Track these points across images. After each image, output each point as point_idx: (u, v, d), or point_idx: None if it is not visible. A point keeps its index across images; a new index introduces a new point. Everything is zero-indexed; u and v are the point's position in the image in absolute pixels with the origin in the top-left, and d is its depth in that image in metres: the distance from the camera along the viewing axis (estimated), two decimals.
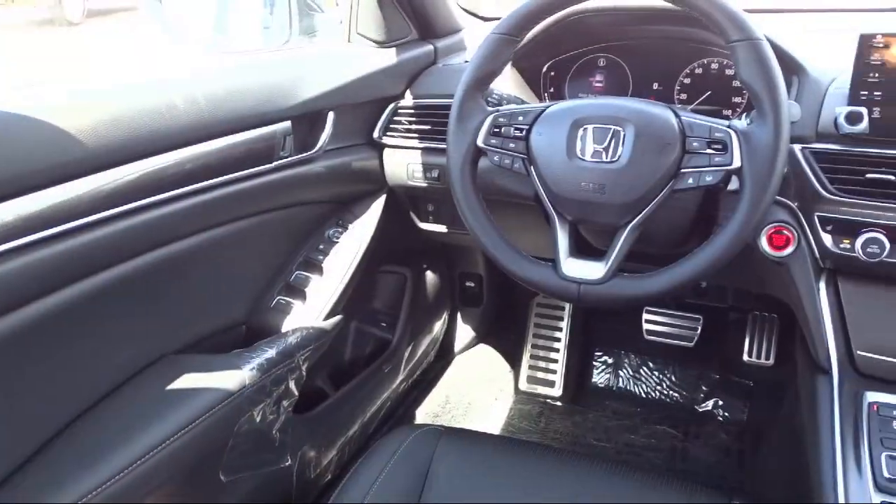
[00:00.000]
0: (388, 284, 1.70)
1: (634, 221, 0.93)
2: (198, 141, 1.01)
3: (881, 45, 0.96)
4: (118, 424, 0.94)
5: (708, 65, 1.27)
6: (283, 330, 1.25)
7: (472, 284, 1.94)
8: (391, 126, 1.36)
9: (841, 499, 0.84)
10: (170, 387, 1.01)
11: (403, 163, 1.36)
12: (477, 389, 1.92)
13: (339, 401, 1.45)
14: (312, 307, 1.30)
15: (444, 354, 1.96)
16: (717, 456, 1.69)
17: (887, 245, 0.96)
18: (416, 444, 1.05)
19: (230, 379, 1.05)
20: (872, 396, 0.96)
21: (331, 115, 1.24)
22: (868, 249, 0.96)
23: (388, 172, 1.40)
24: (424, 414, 1.81)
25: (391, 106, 1.36)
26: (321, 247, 1.35)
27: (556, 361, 1.91)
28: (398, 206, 1.48)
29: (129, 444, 0.91)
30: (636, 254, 0.97)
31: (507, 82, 1.31)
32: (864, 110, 0.96)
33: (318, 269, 1.34)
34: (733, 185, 0.92)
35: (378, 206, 1.42)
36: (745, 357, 1.76)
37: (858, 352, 1.01)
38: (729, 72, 1.25)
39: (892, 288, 1.01)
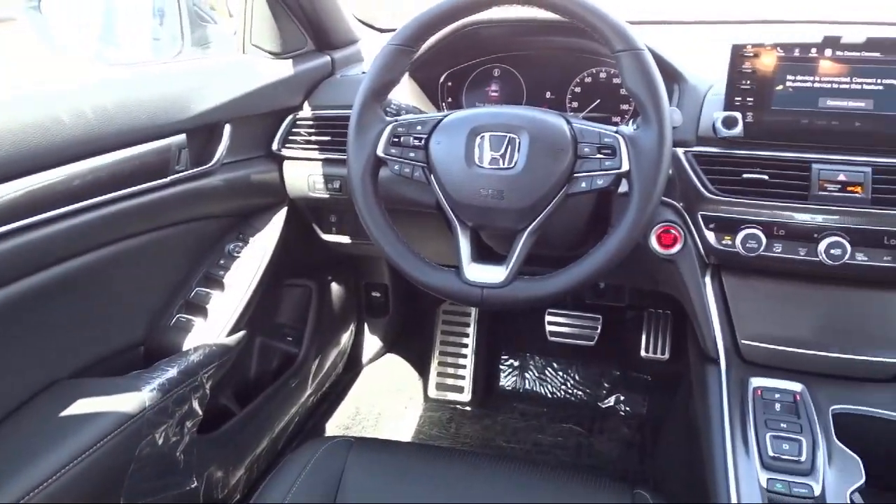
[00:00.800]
0: (293, 298, 1.68)
1: (532, 225, 0.97)
2: (87, 156, 0.97)
3: (751, 55, 1.03)
4: (7, 455, 0.89)
5: (597, 74, 1.33)
6: (185, 348, 1.21)
7: (378, 294, 1.94)
8: (290, 138, 1.35)
9: (732, 479, 0.90)
10: (63, 413, 0.96)
11: (304, 174, 1.36)
12: (386, 399, 1.92)
13: (245, 418, 1.42)
14: (214, 323, 1.27)
15: (352, 366, 1.96)
16: (621, 449, 1.76)
17: (764, 240, 1.03)
18: (327, 456, 1.04)
19: (128, 402, 1.01)
20: (756, 382, 1.03)
21: (227, 128, 1.22)
22: (747, 245, 1.03)
23: (289, 184, 1.38)
24: (334, 427, 1.79)
25: (289, 117, 1.35)
26: (222, 262, 1.33)
27: (464, 367, 1.94)
28: (300, 219, 1.46)
29: (21, 476, 0.87)
30: (536, 257, 1.00)
31: (405, 92, 1.32)
32: (738, 115, 1.02)
33: (219, 284, 1.31)
34: (623, 187, 0.96)
35: (279, 218, 1.41)
36: (643, 353, 1.84)
37: (743, 341, 1.08)
38: (616, 80, 1.30)
39: (770, 280, 1.08)
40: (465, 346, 1.95)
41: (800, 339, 1.07)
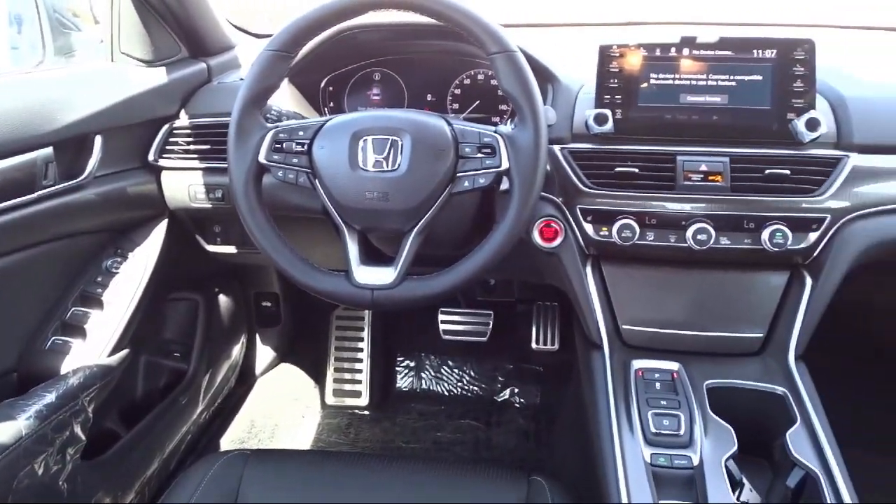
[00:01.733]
0: (179, 312, 1.63)
1: (419, 226, 0.98)
2: None
3: (617, 55, 1.09)
4: None
5: (475, 76, 1.36)
6: (63, 372, 1.15)
7: (269, 304, 1.91)
8: (168, 147, 1.31)
9: (618, 457, 0.94)
10: None
11: (184, 185, 1.32)
12: (283, 410, 1.89)
13: (133, 440, 1.37)
14: (94, 344, 1.21)
15: (245, 378, 1.91)
16: (518, 440, 1.81)
17: (637, 229, 1.08)
18: (223, 471, 1.02)
19: (2, 432, 0.95)
20: (638, 364, 1.09)
21: (98, 139, 1.17)
22: (623, 234, 1.09)
23: (169, 196, 1.34)
24: (230, 441, 1.75)
25: (166, 127, 1.30)
26: (99, 279, 1.27)
27: (360, 371, 1.94)
28: (182, 230, 1.42)
29: None
30: (426, 257, 1.02)
31: (286, 98, 1.31)
32: (608, 112, 1.08)
33: (97, 302, 1.25)
34: (505, 185, 1.00)
35: (160, 231, 1.36)
36: (534, 345, 1.90)
37: (623, 326, 1.14)
38: (494, 82, 1.34)
39: (645, 267, 1.15)
40: (361, 350, 1.95)
41: (675, 321, 1.14)
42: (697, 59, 1.08)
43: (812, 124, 1.04)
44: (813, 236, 1.07)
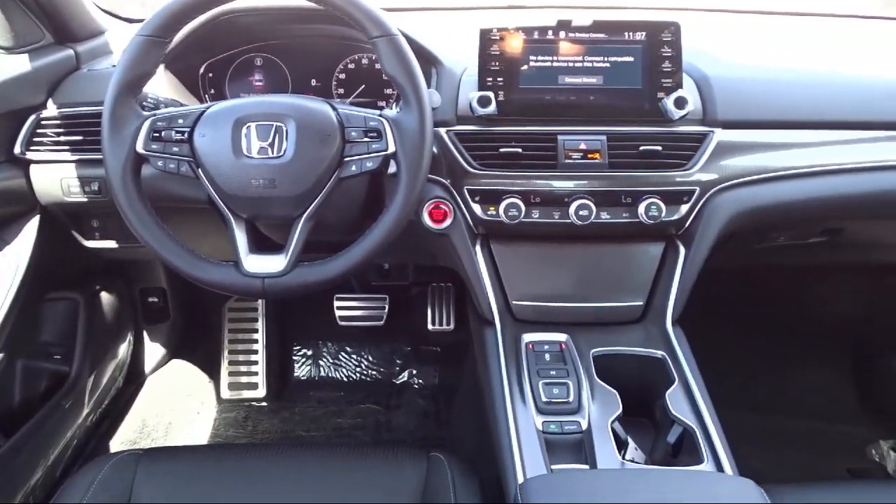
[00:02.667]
0: (58, 312, 1.54)
1: (308, 212, 0.98)
2: None
3: (498, 38, 1.12)
4: None
5: (359, 60, 1.35)
6: None
7: (156, 299, 1.84)
8: (35, 140, 1.23)
9: (512, 427, 0.98)
10: None
11: (56, 178, 1.24)
12: (176, 407, 1.83)
13: (12, 449, 1.29)
14: None
15: (133, 378, 1.84)
16: (418, 420, 1.83)
17: (523, 208, 1.12)
18: (113, 473, 0.98)
19: None
20: (528, 337, 1.13)
21: None
22: (509, 213, 1.12)
23: (40, 190, 1.26)
24: (120, 443, 1.68)
25: (32, 117, 1.23)
26: None
27: (256, 363, 1.90)
28: (57, 226, 1.34)
29: None
30: (318, 244, 1.01)
31: (163, 85, 1.26)
32: (491, 94, 1.10)
33: None
34: (393, 168, 1.01)
35: (31, 228, 1.28)
36: (430, 326, 1.92)
37: (514, 302, 1.18)
38: (378, 66, 1.34)
39: (532, 244, 1.19)
40: (256, 341, 1.91)
41: (561, 295, 1.19)
42: (573, 41, 1.12)
43: (680, 102, 1.10)
44: (684, 208, 1.14)
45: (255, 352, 1.90)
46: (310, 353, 2.01)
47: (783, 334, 1.97)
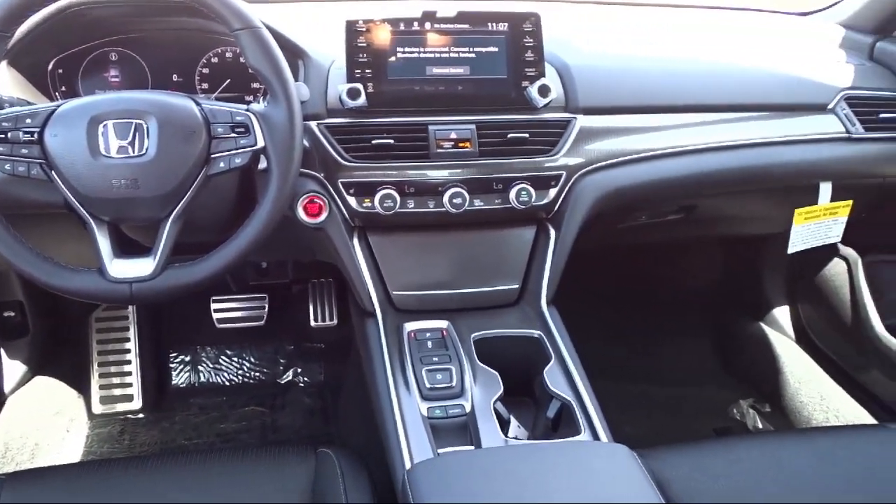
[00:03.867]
0: None
1: (175, 212, 0.94)
2: None
3: (364, 30, 1.11)
4: None
5: (223, 54, 1.31)
6: None
7: (13, 313, 1.72)
8: None
9: (398, 416, 0.99)
10: None
11: None
12: (42, 427, 1.72)
13: None
14: None
15: None
16: (305, 419, 1.81)
17: (398, 198, 1.13)
18: None
19: None
20: (410, 326, 1.14)
21: None
22: (385, 204, 1.12)
23: None
24: None
25: None
26: None
27: (129, 374, 1.82)
28: None
29: None
30: (191, 245, 0.98)
31: (7, 83, 1.18)
32: (360, 86, 1.10)
33: None
34: (263, 164, 0.99)
35: None
36: (313, 322, 1.90)
37: (394, 292, 1.19)
38: (244, 59, 1.31)
39: (410, 234, 1.20)
40: (128, 350, 1.82)
41: (440, 282, 1.21)
42: (439, 32, 1.14)
43: (543, 90, 1.14)
44: (552, 192, 1.18)
45: (128, 362, 1.82)
46: (188, 358, 1.94)
47: (650, 307, 2.10)
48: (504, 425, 1.00)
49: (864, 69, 1.49)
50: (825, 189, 1.45)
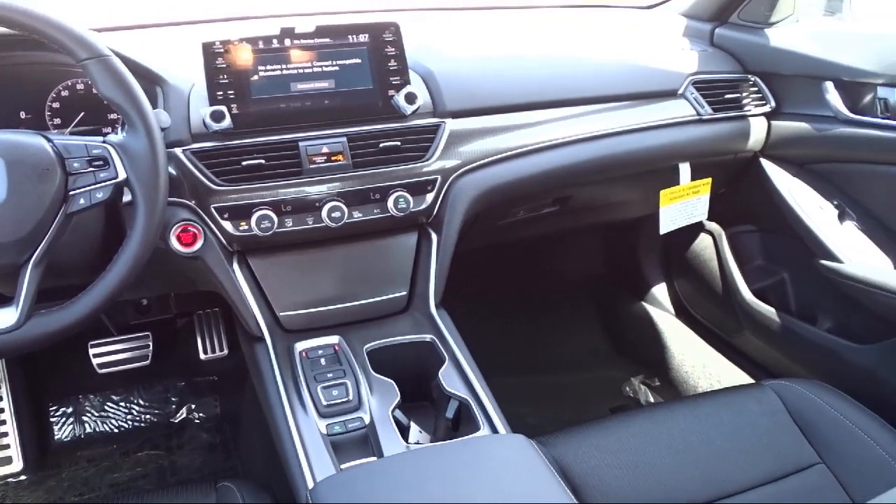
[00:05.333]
0: None
1: (35, 256, 0.89)
2: None
3: (222, 51, 1.09)
4: None
5: (74, 86, 1.25)
6: None
7: None
8: None
9: (297, 439, 0.97)
10: None
11: None
12: None
13: None
14: None
15: None
16: (205, 455, 1.75)
17: (275, 218, 1.11)
18: None
19: None
20: (301, 346, 1.13)
21: None
22: (262, 225, 1.10)
23: None
24: None
25: None
26: None
27: (5, 434, 1.69)
28: None
29: None
30: (59, 289, 0.93)
31: None
32: (224, 108, 1.08)
33: None
34: (128, 196, 0.95)
35: None
36: (202, 355, 1.83)
37: (281, 313, 1.17)
38: (95, 90, 1.25)
39: (291, 253, 1.18)
40: (0, 410, 1.70)
41: (328, 298, 1.20)
42: (300, 48, 1.13)
43: (410, 98, 1.16)
44: (430, 196, 1.20)
45: (2, 421, 1.69)
46: (69, 409, 1.83)
47: (540, 299, 2.16)
48: (405, 432, 1.00)
49: (706, 55, 1.59)
50: (684, 169, 1.55)
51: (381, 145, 1.16)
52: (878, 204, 1.45)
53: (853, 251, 1.44)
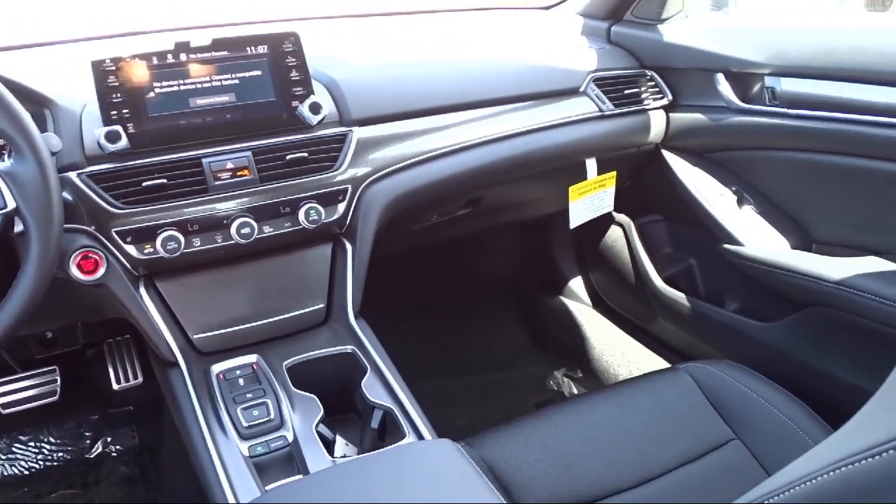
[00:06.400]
0: None
1: None
2: None
3: (113, 69, 1.05)
4: None
5: None
6: None
7: None
8: None
9: (218, 463, 0.94)
10: None
11: None
12: None
13: None
14: None
15: None
16: (125, 489, 1.67)
17: (182, 239, 1.07)
18: None
19: None
20: (217, 368, 1.10)
21: None
22: (168, 247, 1.06)
23: None
24: None
25: None
26: None
27: None
28: None
29: None
30: None
31: None
32: (119, 128, 1.03)
33: None
34: (19, 226, 0.90)
35: None
36: (115, 386, 1.76)
37: (195, 336, 1.13)
38: None
39: (201, 273, 1.14)
40: None
41: (243, 317, 1.17)
42: (197, 62, 1.10)
43: (314, 108, 1.14)
44: (341, 206, 1.19)
45: None
46: None
47: (462, 300, 2.17)
48: (330, 446, 0.99)
49: (605, 52, 1.64)
50: (591, 164, 1.59)
51: (288, 157, 1.14)
52: (772, 188, 1.53)
53: (753, 234, 1.51)
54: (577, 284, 2.12)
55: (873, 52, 1.27)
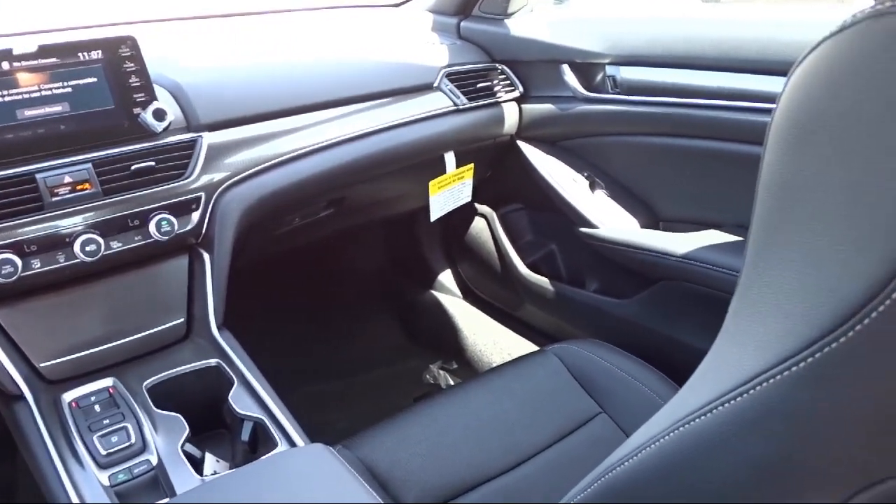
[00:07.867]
0: None
1: None
2: None
3: None
4: None
5: None
6: None
7: None
8: None
9: (73, 495, 0.89)
10: None
11: None
12: None
13: None
14: None
15: None
16: None
17: (19, 262, 0.99)
18: None
19: None
20: (69, 396, 1.03)
21: None
22: (4, 271, 0.98)
23: None
24: None
25: None
26: None
27: None
28: None
29: None
30: None
31: None
32: None
33: None
34: None
35: None
36: None
37: (41, 364, 1.05)
38: None
39: (46, 296, 1.06)
40: None
41: (96, 339, 1.10)
42: (22, 70, 1.02)
43: (159, 115, 1.09)
44: (195, 216, 1.14)
45: None
46: None
47: (333, 304, 2.15)
48: (199, 465, 0.95)
49: (456, 47, 1.67)
50: (449, 158, 1.62)
51: (134, 167, 1.08)
52: (620, 171, 1.61)
53: (606, 216, 1.58)
54: (446, 277, 2.15)
55: (702, 40, 1.36)
